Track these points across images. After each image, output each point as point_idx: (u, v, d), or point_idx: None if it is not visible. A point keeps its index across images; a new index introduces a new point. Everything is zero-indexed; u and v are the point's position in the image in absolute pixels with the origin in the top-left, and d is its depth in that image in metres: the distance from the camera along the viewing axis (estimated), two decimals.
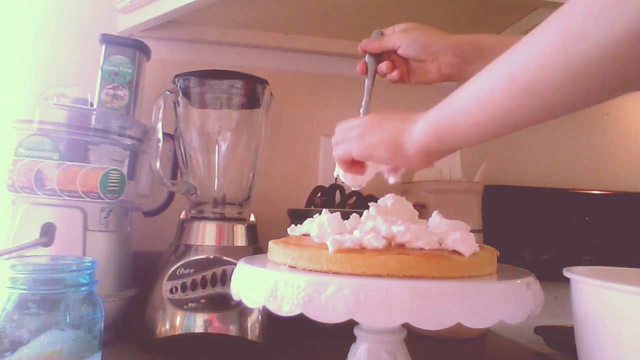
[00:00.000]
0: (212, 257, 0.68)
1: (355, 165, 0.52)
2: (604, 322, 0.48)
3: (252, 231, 0.74)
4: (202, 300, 0.65)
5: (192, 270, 0.67)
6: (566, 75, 0.33)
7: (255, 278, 0.46)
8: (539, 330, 0.78)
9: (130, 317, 0.69)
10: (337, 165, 0.55)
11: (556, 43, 0.33)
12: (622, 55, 0.30)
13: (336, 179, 0.59)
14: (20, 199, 0.63)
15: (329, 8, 0.89)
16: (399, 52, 0.62)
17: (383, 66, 0.63)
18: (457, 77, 0.60)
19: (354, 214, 0.53)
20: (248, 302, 0.46)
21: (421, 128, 0.44)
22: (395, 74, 0.63)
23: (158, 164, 0.70)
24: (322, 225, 0.49)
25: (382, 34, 0.64)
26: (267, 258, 0.53)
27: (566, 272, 0.53)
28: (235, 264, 0.52)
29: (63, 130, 0.65)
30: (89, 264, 0.50)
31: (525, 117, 0.37)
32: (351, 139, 0.50)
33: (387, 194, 0.56)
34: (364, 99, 0.63)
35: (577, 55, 0.32)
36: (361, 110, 0.63)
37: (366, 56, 0.64)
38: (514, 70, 0.36)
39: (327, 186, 0.91)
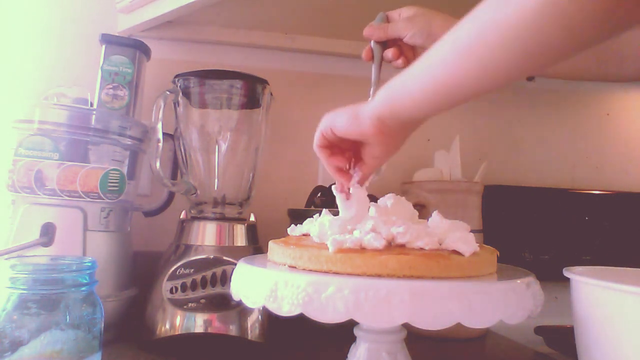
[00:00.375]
0: (212, 257, 0.68)
1: (330, 156, 0.52)
2: (604, 322, 0.48)
3: (252, 231, 0.74)
4: (202, 300, 0.65)
5: (192, 270, 0.67)
6: (498, 37, 0.34)
7: (255, 278, 0.46)
8: (539, 330, 0.78)
9: (130, 317, 0.69)
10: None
11: (490, 8, 0.34)
12: (542, 18, 0.31)
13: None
14: (20, 199, 0.63)
15: (329, 8, 0.89)
16: (405, 40, 0.60)
17: (389, 53, 0.61)
18: None
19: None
20: (248, 302, 0.46)
21: (377, 97, 0.45)
22: (400, 62, 0.61)
23: (158, 164, 0.70)
24: (322, 225, 0.49)
25: (387, 17, 0.62)
26: (267, 258, 0.53)
27: (566, 272, 0.53)
28: (235, 264, 0.52)
29: (63, 130, 0.65)
30: (89, 264, 0.50)
31: (465, 82, 0.38)
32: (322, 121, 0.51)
33: (387, 194, 0.56)
34: (371, 87, 0.61)
35: (504, 18, 0.33)
36: (370, 98, 0.60)
37: (372, 42, 0.62)
38: (457, 35, 0.37)
39: (327, 186, 0.91)
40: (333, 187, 0.55)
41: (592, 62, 0.58)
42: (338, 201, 0.54)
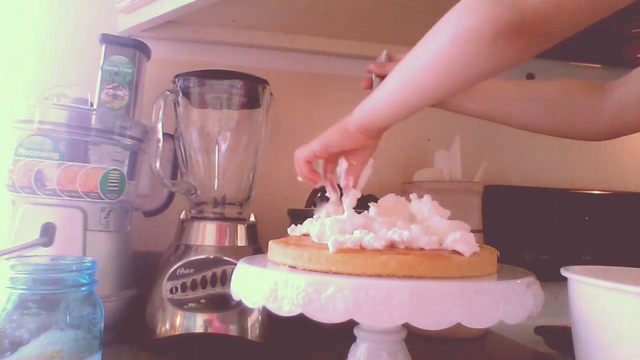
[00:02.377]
0: (212, 257, 0.68)
1: (310, 170, 0.62)
2: (601, 321, 0.48)
3: (252, 231, 0.74)
4: (202, 300, 0.65)
5: (192, 270, 0.67)
6: (427, 71, 0.47)
7: (255, 278, 0.46)
8: (539, 330, 0.78)
9: (130, 317, 0.69)
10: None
11: (421, 52, 0.48)
12: (452, 61, 0.45)
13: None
14: (20, 199, 0.63)
15: (329, 8, 0.89)
16: None
17: None
18: (441, 106, 0.68)
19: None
20: (248, 302, 0.46)
21: (356, 113, 0.56)
22: None
23: (158, 164, 0.70)
24: (322, 225, 0.49)
25: (390, 57, 0.69)
26: (267, 258, 0.53)
27: (563, 272, 0.54)
28: (235, 264, 0.52)
29: (63, 130, 0.65)
30: (89, 264, 0.50)
31: (411, 100, 0.51)
32: (309, 143, 0.60)
33: (387, 194, 0.56)
34: None
35: (430, 59, 0.47)
36: None
37: (372, 75, 0.69)
38: (402, 69, 0.51)
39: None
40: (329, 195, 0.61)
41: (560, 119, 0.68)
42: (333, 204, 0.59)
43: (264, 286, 0.44)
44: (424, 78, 0.48)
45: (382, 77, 0.65)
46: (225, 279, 0.66)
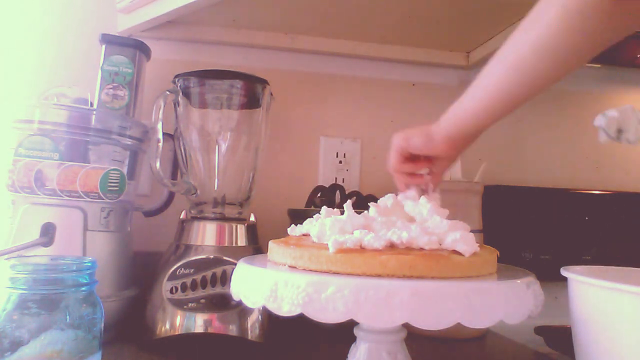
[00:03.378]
0: (212, 257, 0.68)
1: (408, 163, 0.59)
2: (601, 321, 0.48)
3: (252, 231, 0.74)
4: (202, 300, 0.65)
5: (192, 270, 0.67)
6: (532, 52, 0.43)
7: (255, 278, 0.46)
8: (539, 330, 0.78)
9: (130, 317, 0.69)
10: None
11: (523, 30, 0.44)
12: (564, 31, 0.40)
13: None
14: (20, 199, 0.63)
15: (329, 8, 0.89)
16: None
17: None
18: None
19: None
20: (248, 302, 0.46)
21: (443, 119, 0.53)
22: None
23: (158, 164, 0.70)
24: (322, 225, 0.49)
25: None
26: (267, 258, 0.53)
27: (563, 271, 0.54)
28: (235, 264, 0.52)
29: (63, 130, 0.65)
30: (89, 264, 0.50)
31: (512, 91, 0.46)
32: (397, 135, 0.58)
33: (387, 194, 0.56)
34: None
35: (535, 35, 0.42)
36: None
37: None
38: (501, 56, 0.46)
39: (327, 186, 0.91)
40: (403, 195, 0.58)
41: None
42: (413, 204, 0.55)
43: (264, 286, 0.44)
44: (532, 64, 0.43)
45: None
46: (225, 279, 0.66)
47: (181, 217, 0.75)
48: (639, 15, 0.38)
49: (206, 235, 0.70)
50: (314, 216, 0.55)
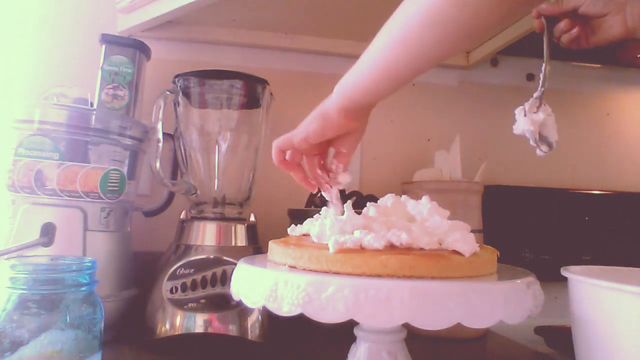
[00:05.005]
0: (212, 257, 0.68)
1: (286, 162, 0.56)
2: (601, 321, 0.48)
3: (252, 231, 0.74)
4: (202, 300, 0.65)
5: (192, 270, 0.67)
6: (421, 26, 0.41)
7: (255, 278, 0.46)
8: (539, 330, 0.78)
9: (130, 317, 0.69)
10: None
11: (413, 2, 0.42)
12: (454, 6, 0.38)
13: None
14: (20, 199, 0.63)
15: (329, 8, 0.89)
16: (581, 10, 0.59)
17: (561, 24, 0.60)
18: None
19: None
20: (248, 302, 0.46)
21: (335, 94, 0.50)
22: (575, 31, 0.60)
23: (158, 164, 0.70)
24: (322, 225, 0.49)
25: None
26: (267, 258, 0.53)
27: (564, 272, 0.54)
28: (235, 264, 0.52)
29: (63, 130, 0.65)
30: (89, 264, 0.50)
31: (401, 66, 0.45)
32: (289, 134, 0.55)
33: (387, 194, 0.56)
34: (543, 63, 0.59)
35: (425, 9, 0.40)
36: (541, 75, 0.59)
37: (542, 17, 0.61)
38: (389, 29, 0.44)
39: None
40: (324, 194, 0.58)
41: None
42: (333, 205, 0.57)
43: (264, 286, 0.44)
44: (419, 36, 0.41)
45: (553, 18, 0.60)
46: (225, 279, 0.66)
47: (181, 217, 0.75)
48: None
49: (206, 235, 0.71)
50: (314, 216, 0.55)
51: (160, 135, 0.70)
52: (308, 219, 0.55)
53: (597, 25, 0.60)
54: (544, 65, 0.59)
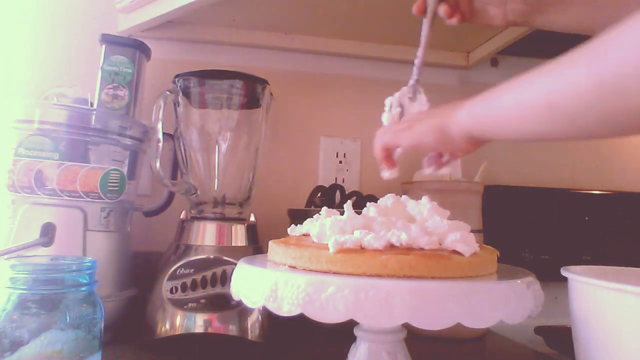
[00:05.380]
0: (212, 257, 0.68)
1: (390, 159, 0.54)
2: (601, 321, 0.48)
3: (252, 231, 0.74)
4: (202, 300, 0.65)
5: (192, 270, 0.67)
6: (599, 121, 0.34)
7: (255, 278, 0.46)
8: (539, 330, 0.78)
9: (130, 317, 0.69)
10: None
11: (593, 89, 0.33)
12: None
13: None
14: (20, 199, 0.63)
15: (329, 8, 0.89)
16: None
17: (441, 9, 0.59)
18: (524, 23, 0.58)
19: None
20: (248, 302, 0.46)
21: (466, 116, 0.45)
22: (455, 19, 0.59)
23: (158, 164, 0.70)
24: (322, 225, 0.49)
25: None
26: (267, 258, 0.53)
27: (564, 272, 0.54)
28: (235, 264, 0.52)
29: (63, 130, 0.65)
30: (89, 264, 0.50)
31: (553, 136, 0.40)
32: (398, 131, 0.51)
33: (387, 194, 0.56)
34: (420, 49, 0.59)
35: (613, 109, 0.32)
36: (415, 61, 0.58)
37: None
38: (554, 98, 0.36)
39: (327, 186, 0.91)
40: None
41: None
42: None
43: (264, 286, 0.44)
44: (580, 120, 0.35)
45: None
46: (225, 279, 0.66)
47: (181, 217, 0.75)
48: None
49: (206, 235, 0.71)
50: (314, 216, 0.55)
51: (160, 135, 0.70)
52: (308, 219, 0.55)
53: (481, 9, 0.60)
54: (420, 50, 0.58)
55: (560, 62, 0.36)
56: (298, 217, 0.73)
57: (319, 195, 0.89)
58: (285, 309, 0.42)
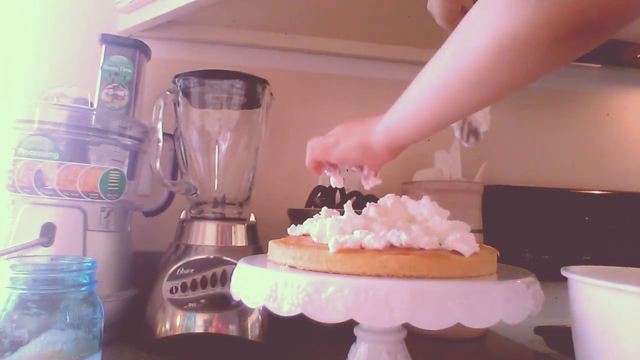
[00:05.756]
0: (212, 257, 0.68)
1: (323, 167, 0.60)
2: (601, 321, 0.48)
3: (252, 231, 0.74)
4: (202, 300, 0.65)
5: (192, 270, 0.67)
6: (462, 83, 0.41)
7: (255, 278, 0.46)
8: (539, 330, 0.78)
9: (130, 317, 0.69)
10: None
11: (452, 55, 0.42)
12: (499, 64, 0.38)
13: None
14: (20, 199, 0.63)
15: (329, 8, 0.89)
16: None
17: None
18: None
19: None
20: (248, 302, 0.46)
21: (380, 132, 0.51)
22: None
23: (158, 164, 0.70)
24: (322, 225, 0.49)
25: None
26: (267, 258, 0.53)
27: (564, 271, 0.54)
28: (235, 264, 0.52)
29: (63, 130, 0.65)
30: (89, 264, 0.50)
31: (442, 116, 0.46)
32: (327, 146, 0.57)
33: (387, 194, 0.56)
34: None
35: (466, 66, 0.40)
36: None
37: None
38: (429, 81, 0.45)
39: (327, 186, 0.91)
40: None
41: None
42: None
43: (264, 286, 0.44)
44: (459, 94, 0.42)
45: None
46: (225, 279, 0.66)
47: (181, 217, 0.75)
48: (577, 50, 0.37)
49: (206, 235, 0.71)
50: (314, 216, 0.55)
51: (160, 135, 0.70)
52: (308, 219, 0.55)
53: None
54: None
55: (436, 53, 0.44)
56: (298, 217, 0.73)
57: (319, 195, 0.89)
58: (285, 309, 0.42)
